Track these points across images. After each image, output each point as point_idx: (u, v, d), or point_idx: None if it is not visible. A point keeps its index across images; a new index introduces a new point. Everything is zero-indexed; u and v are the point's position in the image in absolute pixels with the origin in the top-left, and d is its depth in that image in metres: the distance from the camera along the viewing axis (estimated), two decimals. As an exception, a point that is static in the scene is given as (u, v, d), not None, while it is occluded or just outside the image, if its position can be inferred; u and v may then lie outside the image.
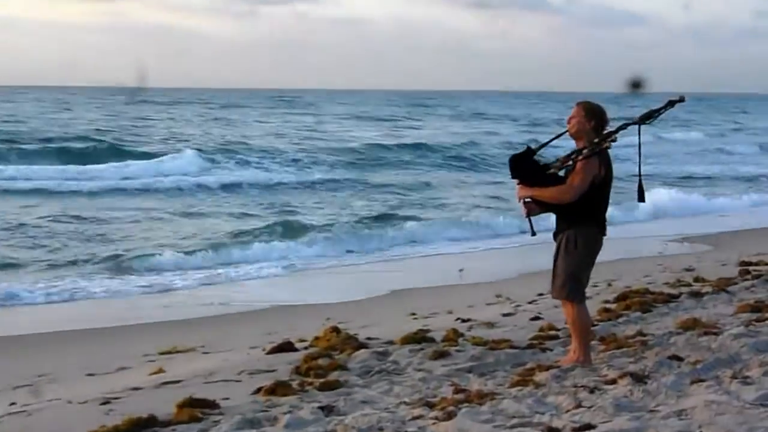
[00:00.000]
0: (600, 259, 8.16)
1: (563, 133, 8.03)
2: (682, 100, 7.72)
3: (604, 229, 7.97)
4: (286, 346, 9.37)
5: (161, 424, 6.71)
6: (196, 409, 6.97)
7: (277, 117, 69.47)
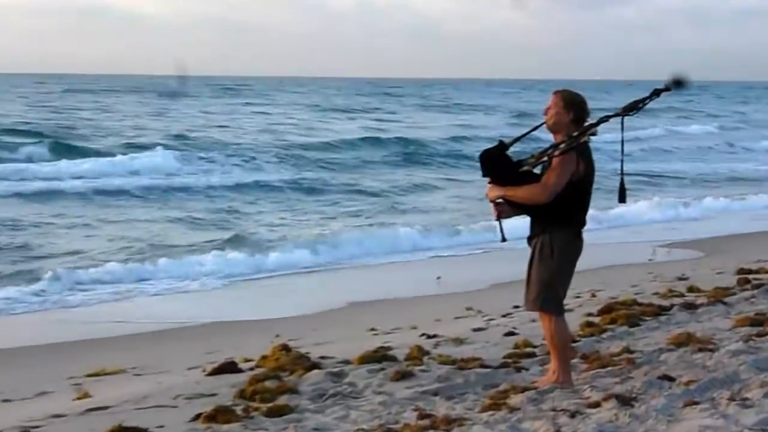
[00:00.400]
0: (582, 267, 8.18)
1: (540, 125, 8.03)
2: (668, 89, 7.74)
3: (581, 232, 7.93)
4: (228, 367, 9.34)
5: (86, 456, 6.68)
6: (127, 438, 6.92)
7: (220, 107, 69.22)
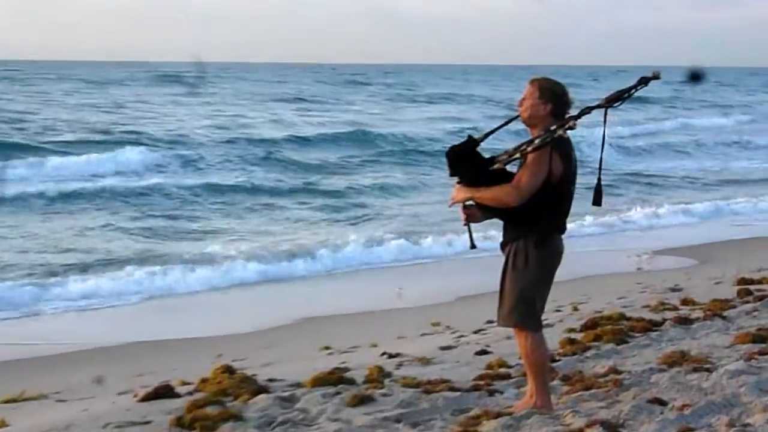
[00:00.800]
0: (562, 277, 8.18)
1: (514, 118, 7.96)
2: (656, 77, 7.72)
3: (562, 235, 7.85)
4: (163, 391, 9.27)
5: (1, 494, 6.63)
6: (46, 473, 6.89)
7: (160, 97, 68.96)
